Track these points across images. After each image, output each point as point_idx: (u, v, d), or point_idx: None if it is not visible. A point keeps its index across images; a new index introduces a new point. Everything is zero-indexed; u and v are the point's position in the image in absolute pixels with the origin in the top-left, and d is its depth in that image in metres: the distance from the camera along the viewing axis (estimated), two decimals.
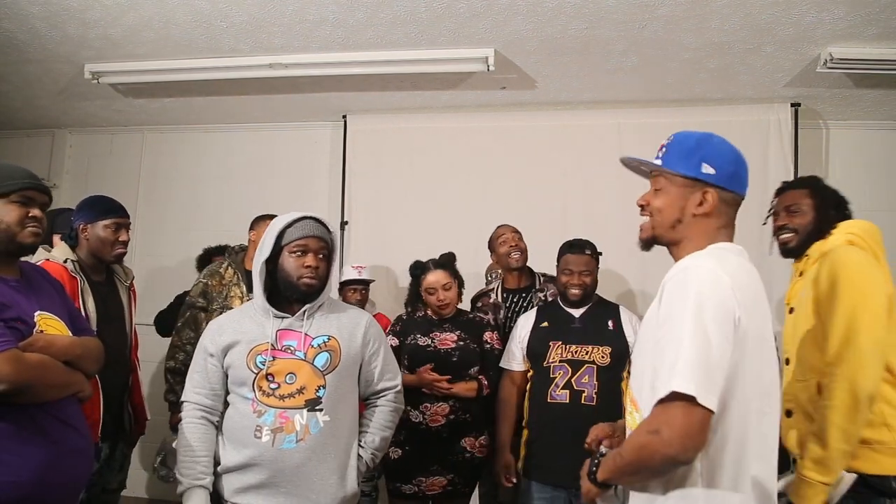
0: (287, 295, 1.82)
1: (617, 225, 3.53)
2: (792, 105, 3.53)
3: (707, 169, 1.24)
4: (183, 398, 1.84)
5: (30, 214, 1.61)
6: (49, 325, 1.60)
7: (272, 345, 1.77)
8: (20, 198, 1.60)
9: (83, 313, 1.99)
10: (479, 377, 2.52)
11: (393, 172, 3.88)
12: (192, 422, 1.80)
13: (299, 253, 1.80)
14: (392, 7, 2.72)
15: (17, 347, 1.45)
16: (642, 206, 1.34)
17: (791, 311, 1.82)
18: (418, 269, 2.64)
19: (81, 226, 2.22)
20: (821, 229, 1.79)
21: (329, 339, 1.80)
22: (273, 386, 1.74)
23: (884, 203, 3.60)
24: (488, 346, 2.58)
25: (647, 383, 1.16)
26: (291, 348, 1.78)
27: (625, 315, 2.58)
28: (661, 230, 1.31)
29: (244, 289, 2.79)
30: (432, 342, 2.52)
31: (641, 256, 3.95)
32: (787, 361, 1.81)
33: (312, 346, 1.78)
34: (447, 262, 2.63)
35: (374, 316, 3.25)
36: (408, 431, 2.44)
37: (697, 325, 1.08)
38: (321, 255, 1.82)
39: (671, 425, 1.05)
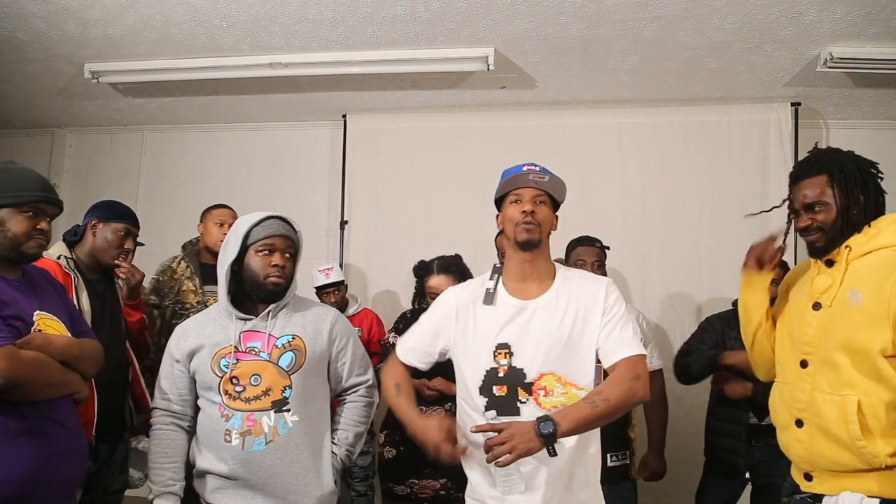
0: (253, 294, 1.80)
1: (617, 224, 3.55)
2: (792, 104, 3.53)
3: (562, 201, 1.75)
4: (152, 405, 1.85)
5: (37, 227, 1.62)
6: (48, 324, 1.60)
7: (235, 347, 1.75)
8: (32, 209, 1.61)
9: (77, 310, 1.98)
10: None
11: (393, 172, 3.88)
12: (161, 428, 1.81)
13: (266, 252, 1.77)
14: (392, 6, 2.72)
15: (13, 344, 1.45)
16: (529, 212, 1.62)
17: (816, 306, 1.57)
18: (422, 270, 2.62)
19: (93, 222, 2.22)
20: (853, 222, 1.55)
21: (293, 338, 1.78)
22: (238, 389, 1.72)
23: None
24: None
25: (584, 360, 1.57)
26: (256, 350, 1.75)
27: (631, 313, 2.59)
28: (543, 237, 1.66)
29: (197, 282, 2.76)
30: None
31: (641, 255, 3.98)
32: (805, 364, 1.57)
33: (277, 347, 1.76)
34: (451, 265, 2.59)
35: (360, 311, 3.24)
36: (402, 431, 2.42)
37: (630, 317, 1.64)
38: (287, 255, 1.81)
39: (645, 374, 1.54)
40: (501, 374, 1.57)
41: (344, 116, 3.94)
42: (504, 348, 1.58)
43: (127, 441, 2.30)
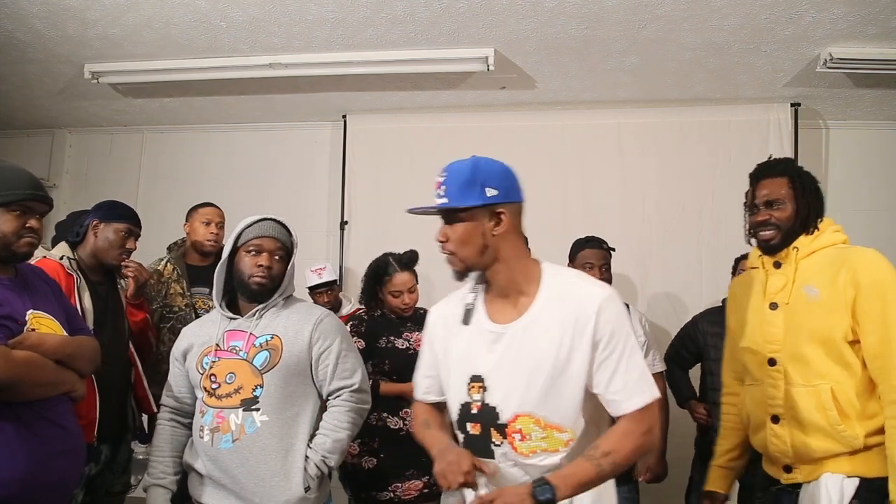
0: (239, 293, 1.83)
1: (617, 225, 3.55)
2: (792, 105, 3.53)
3: (490, 192, 1.35)
4: (161, 401, 1.92)
5: (27, 225, 1.61)
6: (42, 323, 1.59)
7: (217, 345, 1.78)
8: (20, 208, 1.60)
9: (79, 311, 1.98)
10: None
11: (393, 172, 3.88)
12: (162, 423, 1.87)
13: (254, 252, 1.80)
14: (392, 7, 2.72)
15: (5, 344, 1.45)
16: (442, 242, 1.38)
17: (774, 306, 1.68)
18: (380, 269, 2.57)
19: (94, 222, 2.21)
20: (805, 224, 1.69)
21: (272, 337, 1.78)
22: (214, 386, 1.75)
23: (884, 203, 3.60)
24: None
25: (569, 398, 1.30)
26: (237, 348, 1.77)
27: (634, 314, 2.58)
28: (472, 260, 1.37)
29: (185, 284, 2.72)
30: (409, 344, 2.49)
31: (641, 255, 3.97)
32: (773, 362, 1.66)
33: (254, 346, 1.77)
34: (411, 260, 2.55)
35: (354, 311, 3.23)
36: (382, 438, 2.39)
37: (634, 341, 1.32)
38: (277, 256, 1.82)
39: (657, 423, 1.29)
40: (475, 411, 1.37)
41: (344, 117, 3.94)
42: (477, 381, 1.36)
43: (129, 443, 2.30)
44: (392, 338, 2.50)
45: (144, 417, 2.49)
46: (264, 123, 4.12)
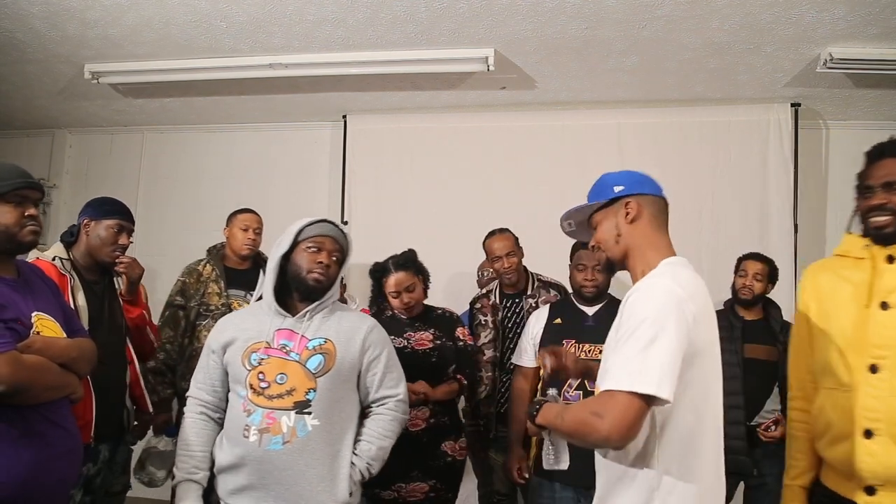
0: (294, 289, 1.82)
1: None
2: (792, 105, 3.53)
3: (617, 188, 1.47)
4: (188, 394, 1.88)
5: (26, 214, 1.62)
6: (45, 326, 1.60)
7: (268, 343, 1.76)
8: (14, 197, 1.61)
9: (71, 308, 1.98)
10: (458, 376, 2.49)
11: (393, 172, 3.88)
12: (192, 417, 1.83)
13: (315, 249, 1.81)
14: (392, 7, 2.72)
15: (15, 349, 1.46)
16: (595, 247, 1.54)
17: (885, 306, 1.46)
18: (378, 272, 2.58)
19: (85, 221, 2.21)
20: None
21: (325, 341, 1.78)
22: (263, 385, 1.73)
23: None
24: (461, 342, 2.55)
25: None
26: (287, 348, 1.76)
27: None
28: (611, 251, 1.48)
29: (222, 285, 2.81)
30: (408, 343, 2.47)
31: None
32: (875, 369, 1.44)
33: (307, 349, 1.76)
34: (408, 260, 2.56)
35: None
36: None
37: (654, 333, 1.21)
38: (335, 258, 1.84)
39: (614, 414, 1.18)
40: None
41: (344, 117, 3.94)
42: None
43: (128, 443, 2.30)
44: (392, 336, 2.50)
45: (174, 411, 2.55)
46: (264, 123, 4.12)
